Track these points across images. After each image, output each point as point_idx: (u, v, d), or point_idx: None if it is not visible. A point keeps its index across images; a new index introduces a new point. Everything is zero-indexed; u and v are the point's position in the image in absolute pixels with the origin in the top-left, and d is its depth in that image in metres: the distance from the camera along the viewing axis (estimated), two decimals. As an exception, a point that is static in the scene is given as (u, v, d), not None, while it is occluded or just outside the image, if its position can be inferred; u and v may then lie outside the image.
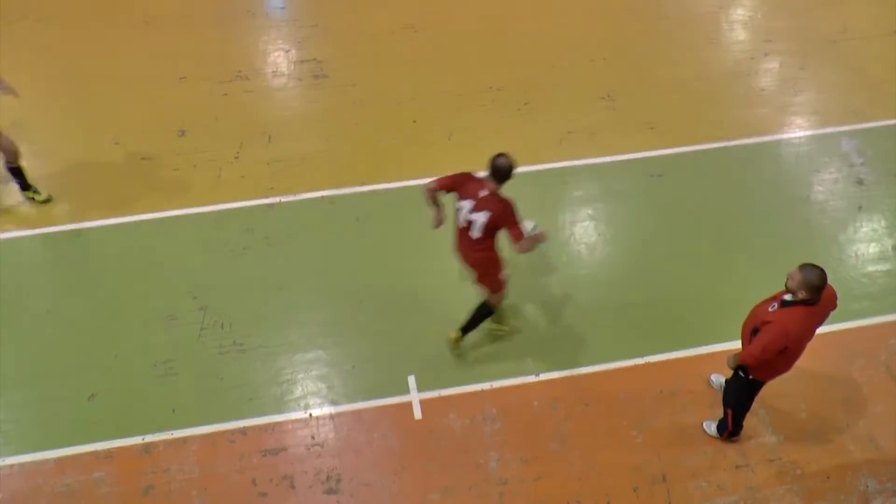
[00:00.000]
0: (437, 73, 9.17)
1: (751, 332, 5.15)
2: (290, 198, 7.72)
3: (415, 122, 8.55)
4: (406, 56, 9.42)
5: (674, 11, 10.12)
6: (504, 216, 5.72)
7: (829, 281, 6.97)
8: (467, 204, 5.81)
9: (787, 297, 5.02)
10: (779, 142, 8.45)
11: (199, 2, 10.08)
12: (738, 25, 9.93)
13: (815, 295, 4.88)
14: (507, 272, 6.17)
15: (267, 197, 7.72)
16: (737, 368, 5.39)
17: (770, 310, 5.08)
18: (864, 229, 7.62)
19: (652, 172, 8.03)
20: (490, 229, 5.79)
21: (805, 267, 4.89)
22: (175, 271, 7.11)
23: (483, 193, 5.76)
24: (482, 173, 5.79)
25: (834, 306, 5.20)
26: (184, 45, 9.45)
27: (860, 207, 7.79)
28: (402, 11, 10.05)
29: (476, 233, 5.83)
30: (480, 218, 5.75)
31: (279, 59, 9.36)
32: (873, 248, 7.45)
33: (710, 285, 7.12)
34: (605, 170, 8.05)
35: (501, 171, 5.70)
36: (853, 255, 7.39)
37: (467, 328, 6.47)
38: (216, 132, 8.34)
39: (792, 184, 8.01)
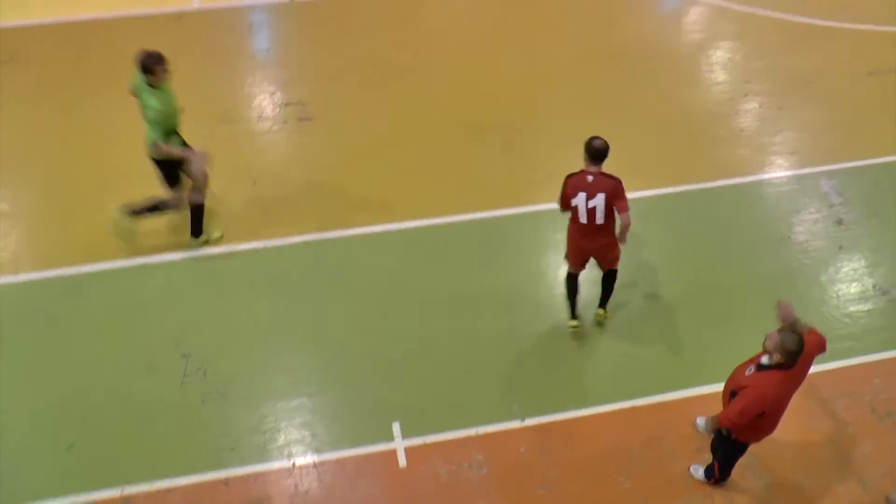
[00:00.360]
0: (421, 114, 9.23)
1: (730, 394, 5.16)
2: (275, 242, 7.70)
3: (399, 164, 8.59)
4: (391, 97, 9.48)
5: (655, 53, 10.25)
6: (616, 191, 6.13)
7: (813, 321, 7.04)
8: (582, 196, 6.15)
9: (764, 359, 5.03)
10: (759, 182, 8.54)
11: (185, 45, 10.12)
12: (718, 67, 10.08)
13: (790, 360, 4.88)
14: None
15: (252, 241, 7.70)
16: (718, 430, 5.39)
17: (747, 373, 5.09)
18: (846, 269, 7.68)
19: (634, 213, 8.05)
20: (610, 208, 6.17)
21: (783, 331, 4.91)
22: (158, 318, 7.05)
23: (590, 179, 6.14)
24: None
25: (820, 351, 5.21)
26: (168, 89, 9.46)
27: (841, 247, 7.86)
28: (387, 53, 10.14)
29: (600, 218, 6.19)
30: (599, 202, 6.12)
31: (264, 101, 9.40)
32: (855, 288, 7.51)
33: (693, 327, 7.14)
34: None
35: (600, 151, 6.12)
36: (835, 295, 7.44)
37: (606, 300, 7.01)
38: (200, 176, 8.33)
39: (773, 224, 8.08)
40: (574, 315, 7.00)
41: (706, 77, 9.93)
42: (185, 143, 7.26)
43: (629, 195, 6.09)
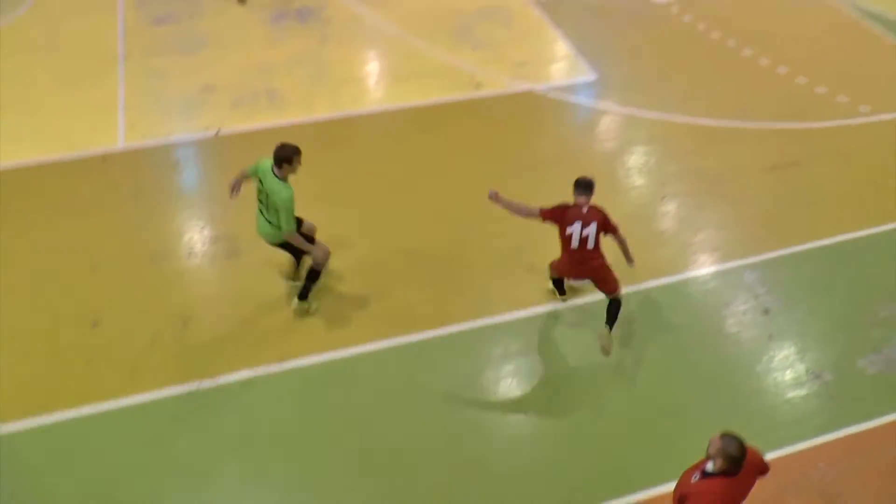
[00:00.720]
0: (350, 243, 9.18)
1: (678, 501, 5.15)
2: (209, 382, 7.51)
3: (330, 294, 8.52)
4: (319, 228, 9.49)
5: (571, 162, 10.52)
6: (607, 219, 7.33)
7: (753, 411, 7.16)
8: (577, 226, 7.16)
9: (709, 466, 5.05)
10: (686, 280, 8.79)
11: (110, 186, 10.07)
12: (634, 172, 10.51)
13: (732, 466, 4.92)
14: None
15: (185, 383, 7.48)
16: None
17: (693, 480, 5.10)
18: (778, 357, 7.88)
19: (568, 323, 8.19)
20: (599, 236, 7.22)
21: (725, 436, 4.96)
22: (92, 473, 6.72)
23: (585, 210, 7.24)
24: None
25: (761, 473, 5.24)
26: (96, 232, 9.34)
27: (770, 336, 8.08)
28: (311, 184, 10.19)
29: (591, 244, 7.19)
30: (592, 230, 7.16)
31: (193, 237, 9.35)
32: (789, 375, 7.69)
33: (636, 429, 7.16)
34: (522, 325, 8.15)
35: (589, 183, 7.38)
36: (771, 383, 7.60)
37: (611, 325, 7.53)
38: (130, 320, 8.13)
39: (704, 319, 8.29)
40: (563, 291, 8.20)
41: (624, 182, 10.33)
42: (299, 220, 7.85)
43: (560, 305, 6.31)
